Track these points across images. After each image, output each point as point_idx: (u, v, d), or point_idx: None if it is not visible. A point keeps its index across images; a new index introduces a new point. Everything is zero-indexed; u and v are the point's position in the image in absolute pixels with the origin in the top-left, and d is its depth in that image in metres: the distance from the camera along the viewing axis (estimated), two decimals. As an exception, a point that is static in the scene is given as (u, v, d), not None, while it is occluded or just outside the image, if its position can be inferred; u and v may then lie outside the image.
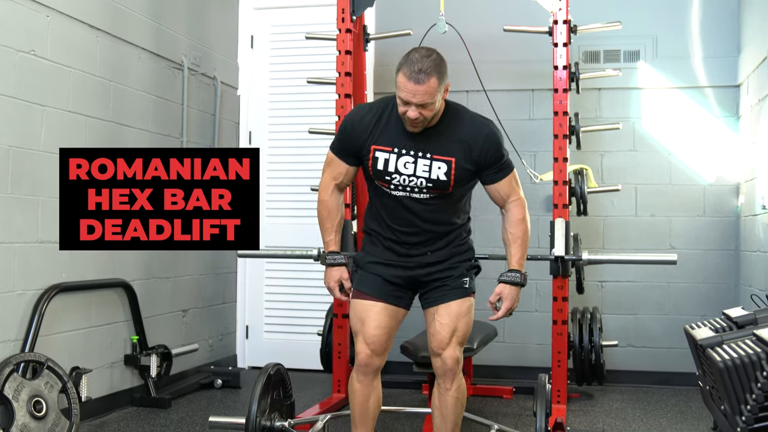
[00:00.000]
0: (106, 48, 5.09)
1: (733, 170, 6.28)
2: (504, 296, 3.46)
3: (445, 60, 3.28)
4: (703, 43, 6.34)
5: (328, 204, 3.58)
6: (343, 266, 3.59)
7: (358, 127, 3.45)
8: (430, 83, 3.19)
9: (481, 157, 3.38)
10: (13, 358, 4.16)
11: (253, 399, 3.45)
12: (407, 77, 3.19)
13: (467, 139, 3.37)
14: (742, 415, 2.52)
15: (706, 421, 5.04)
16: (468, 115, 3.45)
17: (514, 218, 3.49)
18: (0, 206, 4.24)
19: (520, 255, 3.48)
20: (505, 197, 3.49)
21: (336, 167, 3.55)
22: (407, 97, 3.21)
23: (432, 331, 3.51)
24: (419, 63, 3.19)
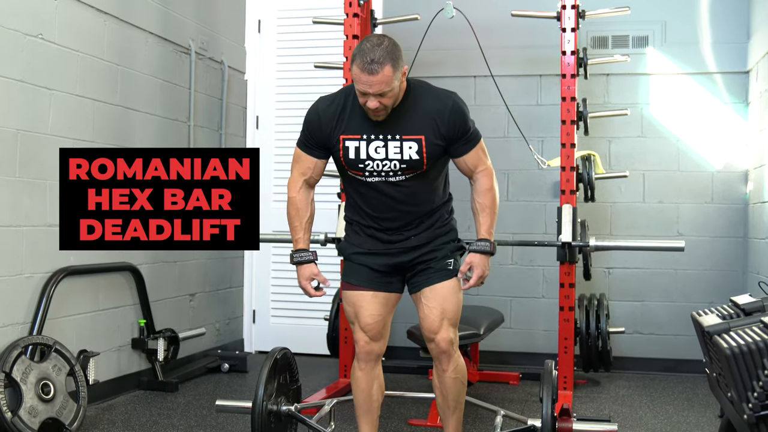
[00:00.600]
0: (113, 32, 5.08)
1: (741, 157, 6.26)
2: (474, 265, 3.42)
3: (398, 45, 3.23)
4: (712, 29, 6.31)
5: (296, 202, 3.52)
6: (311, 263, 3.51)
7: (323, 119, 3.41)
8: (384, 72, 3.14)
9: (449, 130, 3.35)
10: (22, 341, 4.18)
11: (260, 383, 3.46)
12: (361, 69, 3.15)
13: (433, 114, 3.34)
14: (749, 402, 2.51)
15: (712, 408, 5.04)
16: (431, 91, 3.41)
17: (482, 188, 3.47)
18: (8, 189, 4.25)
19: (489, 223, 3.46)
20: (473, 168, 3.46)
21: (304, 163, 3.50)
22: (364, 88, 3.17)
23: (422, 316, 3.51)
24: (371, 53, 3.14)
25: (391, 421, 4.62)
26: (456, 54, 6.55)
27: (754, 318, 2.76)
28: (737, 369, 2.54)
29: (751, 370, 2.51)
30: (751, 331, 2.62)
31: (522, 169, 6.46)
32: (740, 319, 2.81)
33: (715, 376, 2.98)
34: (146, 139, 5.43)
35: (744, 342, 2.55)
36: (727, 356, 2.55)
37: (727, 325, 2.74)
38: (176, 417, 4.72)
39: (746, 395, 2.53)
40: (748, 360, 2.52)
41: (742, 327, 2.70)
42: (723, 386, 2.83)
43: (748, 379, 2.52)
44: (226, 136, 6.43)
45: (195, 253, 6.06)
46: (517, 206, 6.50)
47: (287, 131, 6.81)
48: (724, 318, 2.91)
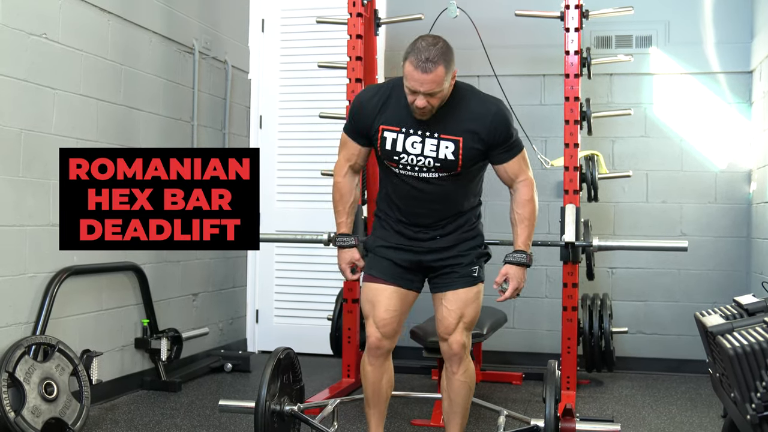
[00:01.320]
0: (117, 31, 5.09)
1: (745, 157, 6.26)
2: (510, 277, 3.46)
3: (451, 47, 3.26)
4: (715, 29, 6.31)
5: (342, 186, 3.59)
6: (353, 248, 3.60)
7: (367, 108, 3.45)
8: (437, 72, 3.17)
9: (490, 135, 3.36)
10: (25, 341, 4.18)
11: (263, 383, 3.46)
12: (414, 66, 3.17)
13: (475, 118, 3.35)
14: (752, 402, 2.51)
15: (715, 409, 5.04)
16: (477, 95, 3.43)
17: (521, 198, 3.48)
18: (12, 189, 4.25)
19: (527, 235, 3.48)
20: (514, 177, 3.47)
21: (349, 148, 3.56)
22: (415, 86, 3.19)
23: (439, 317, 3.54)
24: (426, 51, 3.17)
25: (394, 421, 4.62)
26: (459, 53, 6.44)
27: (758, 318, 2.76)
28: (740, 369, 2.53)
29: (754, 370, 2.51)
30: (755, 332, 2.62)
31: (525, 168, 6.45)
32: (743, 320, 2.81)
33: (718, 377, 2.98)
34: (150, 139, 5.43)
35: (747, 342, 2.55)
36: (730, 356, 2.55)
37: (730, 325, 2.74)
38: (179, 417, 4.73)
39: (749, 395, 2.53)
40: (752, 360, 2.52)
41: (746, 327, 2.70)
42: (726, 386, 2.83)
43: (752, 380, 2.52)
44: (229, 136, 6.43)
45: (198, 253, 6.06)
46: (521, 206, 6.48)
47: (290, 131, 6.82)
48: (728, 318, 2.91)
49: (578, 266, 5.24)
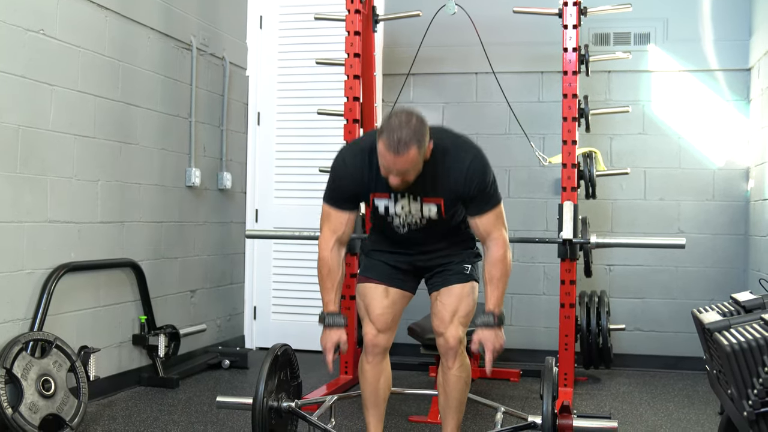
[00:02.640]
0: (114, 28, 5.08)
1: (743, 154, 6.26)
2: (483, 340, 3.39)
3: (425, 123, 3.15)
4: (714, 26, 6.31)
5: (329, 262, 3.49)
6: (341, 328, 3.50)
7: (351, 174, 3.38)
8: (409, 154, 3.09)
9: (466, 189, 3.33)
10: (22, 337, 4.18)
11: (261, 380, 3.45)
12: (386, 148, 3.09)
13: (453, 175, 3.31)
14: (748, 399, 2.52)
15: (713, 405, 5.04)
16: (452, 151, 3.33)
17: (493, 257, 3.42)
18: (9, 185, 4.25)
19: (497, 296, 3.43)
20: (486, 234, 3.42)
21: (334, 219, 3.47)
22: (388, 165, 3.14)
23: (435, 312, 3.58)
24: (398, 132, 3.07)
25: (391, 418, 4.62)
26: (458, 50, 6.55)
27: (755, 315, 2.77)
28: (737, 366, 2.54)
29: (751, 367, 2.52)
30: (752, 329, 2.63)
31: (523, 165, 6.46)
32: (740, 317, 2.81)
33: (715, 373, 2.99)
34: (147, 136, 5.43)
35: (744, 339, 2.55)
36: (727, 353, 2.55)
37: (727, 322, 2.75)
38: (177, 413, 4.73)
39: (746, 392, 2.53)
40: (749, 357, 2.52)
41: (743, 324, 2.70)
42: (723, 383, 2.83)
43: (748, 376, 2.53)
44: (227, 133, 6.43)
45: (196, 250, 6.07)
46: (518, 203, 6.50)
47: (289, 127, 6.82)
48: (725, 315, 2.91)
49: (576, 263, 5.24)
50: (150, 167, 5.47)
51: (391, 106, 6.36)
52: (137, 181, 5.33)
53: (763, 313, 2.73)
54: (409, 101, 6.69)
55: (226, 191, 6.47)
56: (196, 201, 6.06)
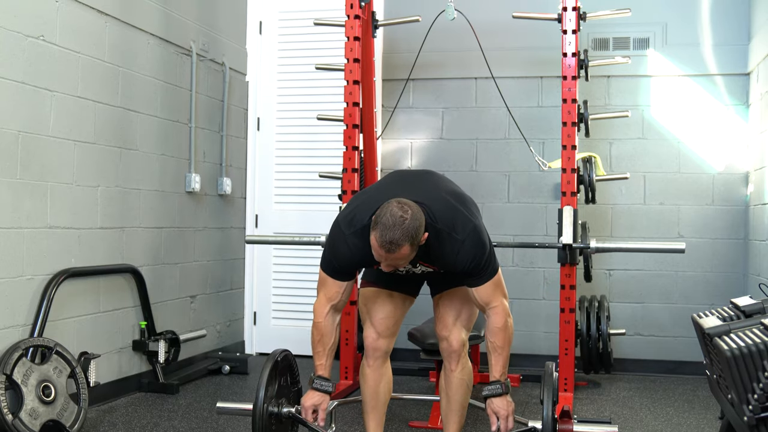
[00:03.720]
0: (114, 33, 5.09)
1: (742, 159, 6.26)
2: (495, 410, 3.38)
3: (419, 218, 3.11)
4: (713, 31, 6.31)
5: (322, 328, 3.51)
6: (327, 395, 3.50)
7: (351, 257, 3.36)
8: (401, 252, 3.08)
9: (459, 267, 3.32)
10: (22, 343, 4.18)
11: (261, 385, 3.45)
12: (379, 245, 3.07)
13: (444, 255, 3.30)
14: (749, 403, 2.51)
15: (713, 410, 5.04)
16: (445, 230, 3.26)
17: (494, 326, 3.41)
18: (9, 191, 4.25)
19: (501, 365, 3.42)
20: (485, 303, 3.40)
21: (331, 287, 3.47)
22: (379, 259, 3.15)
23: (438, 315, 3.62)
24: (391, 232, 3.03)
25: (392, 423, 4.61)
26: (457, 56, 6.55)
27: (755, 320, 2.76)
28: (737, 371, 2.53)
29: (751, 372, 2.51)
30: (752, 333, 2.62)
31: (523, 170, 6.46)
32: (740, 321, 2.81)
33: (715, 378, 2.98)
34: (147, 141, 5.43)
35: (744, 344, 2.55)
36: (727, 358, 2.55)
37: (727, 327, 2.74)
38: (177, 419, 4.72)
39: (746, 397, 2.53)
40: (749, 362, 2.52)
41: (743, 329, 2.70)
42: (723, 388, 2.83)
43: (749, 381, 2.52)
44: (227, 138, 6.43)
45: (196, 255, 6.07)
46: (518, 208, 6.50)
47: (288, 132, 6.82)
48: (725, 320, 2.91)
49: (576, 268, 5.24)
50: (150, 173, 5.48)
51: (390, 112, 6.37)
52: (137, 187, 5.33)
53: (763, 318, 2.73)
54: (408, 106, 6.69)
55: (225, 197, 6.47)
56: (196, 206, 6.06)
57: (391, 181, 3.62)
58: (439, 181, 3.54)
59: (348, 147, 5.45)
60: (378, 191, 3.45)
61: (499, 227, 6.46)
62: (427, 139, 6.74)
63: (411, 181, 3.59)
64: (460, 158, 6.60)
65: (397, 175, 3.82)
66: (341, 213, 3.46)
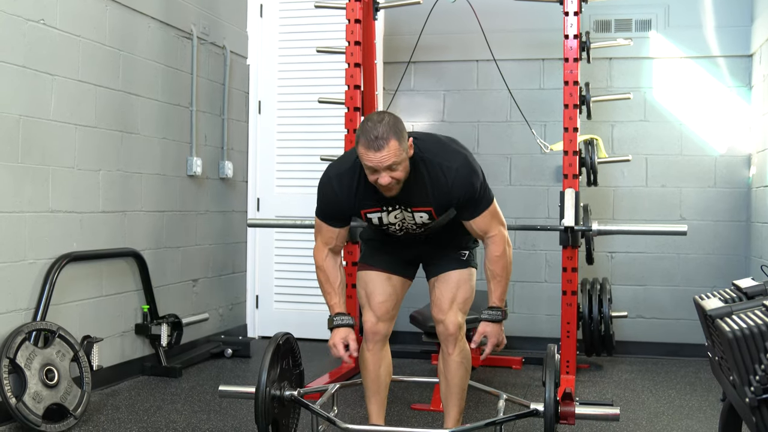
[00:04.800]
0: (115, 17, 5.07)
1: (744, 141, 6.25)
2: (488, 334, 3.47)
3: (399, 119, 3.17)
4: (715, 13, 6.29)
5: (325, 269, 3.57)
6: (350, 327, 3.53)
7: (340, 195, 3.39)
8: (390, 146, 3.10)
9: (454, 198, 3.33)
10: (25, 327, 4.19)
11: (263, 368, 3.46)
12: (366, 147, 3.11)
13: (438, 186, 3.31)
14: (750, 385, 2.51)
15: (715, 392, 5.05)
16: (436, 161, 3.31)
17: (492, 254, 3.45)
18: (11, 176, 4.25)
19: (501, 291, 3.49)
20: (483, 233, 3.45)
21: (326, 233, 3.54)
22: (374, 164, 3.14)
23: (433, 299, 3.63)
24: (374, 130, 3.09)
25: (394, 406, 4.63)
26: (458, 38, 6.53)
27: (757, 302, 2.76)
28: (739, 352, 2.54)
29: (753, 353, 2.51)
30: (754, 315, 2.62)
31: (524, 153, 6.45)
32: (742, 303, 2.81)
33: (717, 360, 2.99)
34: (148, 125, 5.42)
35: (746, 325, 2.55)
36: (729, 340, 2.55)
37: (729, 308, 2.74)
38: (180, 402, 4.74)
39: (748, 378, 2.53)
40: (750, 343, 2.52)
41: (744, 311, 2.69)
42: (725, 370, 2.83)
43: (750, 363, 2.52)
44: (228, 122, 6.42)
45: (198, 239, 6.07)
46: (520, 191, 6.50)
47: (290, 116, 6.81)
48: (727, 302, 2.90)
49: (578, 251, 5.24)
50: (151, 156, 5.47)
51: (392, 95, 6.36)
52: (138, 171, 5.33)
53: (765, 300, 2.73)
54: (410, 89, 6.68)
55: (227, 180, 6.47)
56: (198, 190, 6.06)
57: None
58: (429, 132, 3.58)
59: (349, 130, 5.45)
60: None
61: (501, 209, 6.44)
62: (429, 122, 6.72)
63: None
64: (462, 141, 6.53)
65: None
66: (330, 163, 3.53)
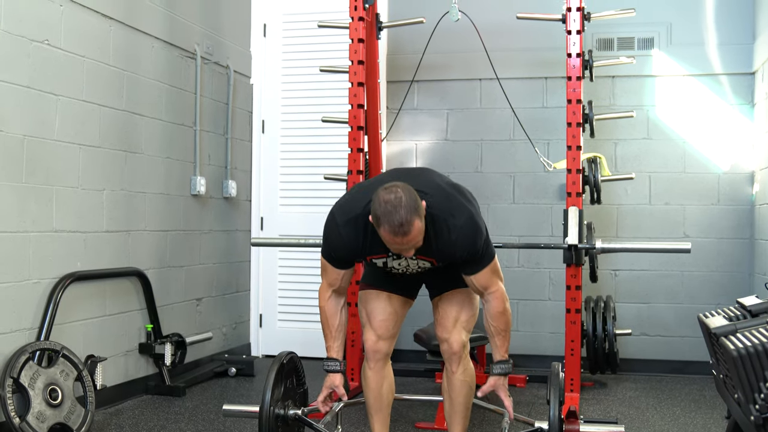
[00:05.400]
0: (119, 37, 5.10)
1: (747, 158, 6.26)
2: (498, 387, 3.48)
3: (411, 190, 3.11)
4: (717, 30, 6.31)
5: (327, 310, 3.59)
6: (337, 373, 3.56)
7: (347, 243, 3.37)
8: (415, 227, 3.08)
9: (457, 254, 3.33)
10: (29, 347, 4.19)
11: (267, 387, 3.46)
12: (393, 234, 3.07)
13: (442, 242, 3.29)
14: (755, 403, 2.51)
15: (719, 410, 5.03)
16: (442, 216, 3.28)
17: (494, 311, 3.46)
18: (15, 195, 4.26)
19: (506, 346, 3.51)
20: (483, 289, 3.44)
21: (331, 273, 3.53)
22: (399, 248, 3.14)
23: (437, 318, 3.62)
24: (396, 215, 3.03)
25: (398, 425, 4.62)
26: (461, 57, 6.56)
27: (761, 319, 2.76)
28: (744, 370, 2.53)
29: (757, 371, 2.51)
30: (758, 333, 2.62)
31: (528, 171, 6.46)
32: (747, 321, 2.80)
33: (722, 378, 2.98)
34: (152, 145, 5.44)
35: (751, 343, 2.54)
36: (733, 357, 2.54)
37: (733, 326, 2.74)
38: (184, 421, 4.73)
39: (753, 396, 2.53)
40: (755, 361, 2.52)
41: (749, 328, 2.69)
42: (730, 387, 2.83)
43: (755, 381, 2.52)
44: (231, 141, 6.44)
45: (202, 258, 6.07)
46: (523, 209, 6.50)
47: (293, 135, 6.82)
48: (731, 319, 2.90)
49: (581, 269, 5.24)
50: (155, 176, 5.48)
51: (395, 113, 6.37)
52: (142, 190, 5.34)
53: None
54: (413, 108, 6.70)
55: (231, 199, 6.48)
56: (201, 209, 6.07)
57: (388, 175, 3.62)
58: (434, 174, 3.55)
59: (353, 149, 5.46)
60: (372, 184, 3.47)
61: (504, 228, 6.46)
62: (432, 141, 6.74)
63: (407, 172, 3.65)
64: (465, 159, 6.60)
65: (394, 170, 3.82)
66: (337, 203, 3.49)
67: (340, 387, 3.55)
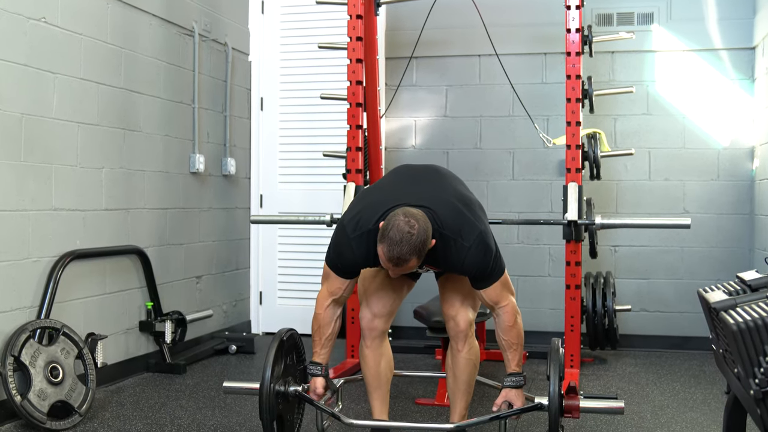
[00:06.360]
0: (116, 14, 5.07)
1: (747, 133, 6.24)
2: (512, 399, 3.45)
3: (426, 228, 3.13)
4: (717, 5, 6.27)
5: (321, 319, 3.55)
6: (319, 376, 3.53)
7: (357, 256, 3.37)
8: (409, 264, 3.12)
9: (466, 271, 3.35)
10: (30, 325, 4.19)
11: (267, 364, 3.46)
12: (387, 257, 3.10)
13: (451, 260, 3.30)
14: (755, 377, 2.51)
15: (719, 385, 5.05)
16: (452, 236, 3.27)
17: (505, 324, 3.45)
18: (13, 174, 4.25)
19: (518, 359, 3.48)
20: (493, 303, 3.43)
21: (333, 282, 3.51)
22: (387, 267, 3.18)
23: (444, 296, 3.62)
24: (399, 247, 3.07)
25: (398, 401, 4.63)
26: (460, 33, 6.53)
27: (761, 294, 2.76)
28: (744, 345, 2.53)
29: (757, 345, 2.51)
30: (758, 307, 2.62)
31: (527, 147, 6.45)
32: (746, 295, 2.80)
33: (721, 353, 2.99)
34: (150, 122, 5.42)
35: (750, 318, 2.54)
36: (733, 332, 2.54)
37: (733, 301, 2.74)
38: (184, 399, 4.74)
39: (753, 371, 2.53)
40: (755, 335, 2.51)
41: (749, 303, 2.69)
42: (729, 362, 2.83)
43: (755, 355, 2.52)
44: (230, 119, 6.42)
45: (201, 236, 6.07)
46: (523, 185, 6.49)
47: (292, 112, 6.81)
48: (731, 294, 2.90)
49: (581, 245, 5.24)
50: (154, 154, 5.47)
51: (394, 90, 6.35)
52: (141, 168, 5.33)
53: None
54: (412, 84, 6.68)
55: (230, 177, 6.47)
56: (201, 187, 6.06)
57: (397, 181, 3.60)
58: (445, 182, 3.53)
59: (352, 126, 5.44)
60: (383, 193, 3.47)
61: (503, 204, 6.46)
62: (431, 117, 6.72)
63: (418, 181, 3.56)
64: (465, 136, 6.58)
65: (403, 170, 3.76)
66: (346, 214, 3.47)
67: (320, 388, 3.52)
